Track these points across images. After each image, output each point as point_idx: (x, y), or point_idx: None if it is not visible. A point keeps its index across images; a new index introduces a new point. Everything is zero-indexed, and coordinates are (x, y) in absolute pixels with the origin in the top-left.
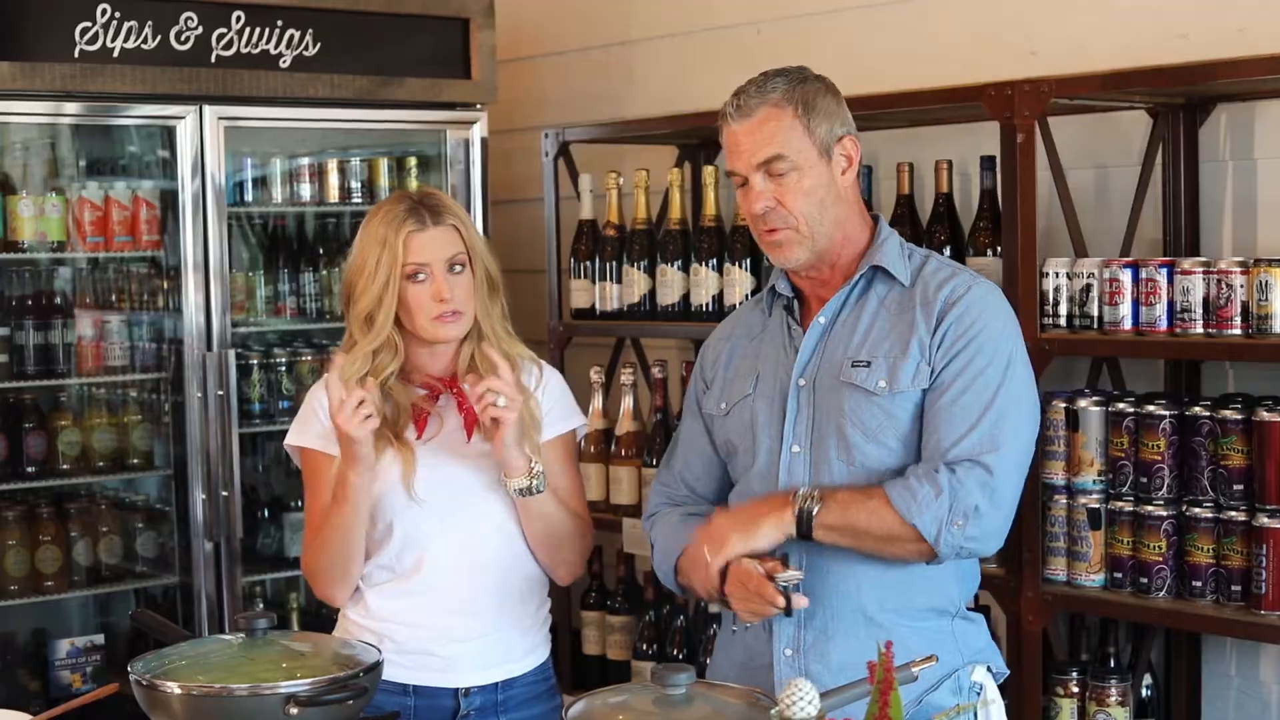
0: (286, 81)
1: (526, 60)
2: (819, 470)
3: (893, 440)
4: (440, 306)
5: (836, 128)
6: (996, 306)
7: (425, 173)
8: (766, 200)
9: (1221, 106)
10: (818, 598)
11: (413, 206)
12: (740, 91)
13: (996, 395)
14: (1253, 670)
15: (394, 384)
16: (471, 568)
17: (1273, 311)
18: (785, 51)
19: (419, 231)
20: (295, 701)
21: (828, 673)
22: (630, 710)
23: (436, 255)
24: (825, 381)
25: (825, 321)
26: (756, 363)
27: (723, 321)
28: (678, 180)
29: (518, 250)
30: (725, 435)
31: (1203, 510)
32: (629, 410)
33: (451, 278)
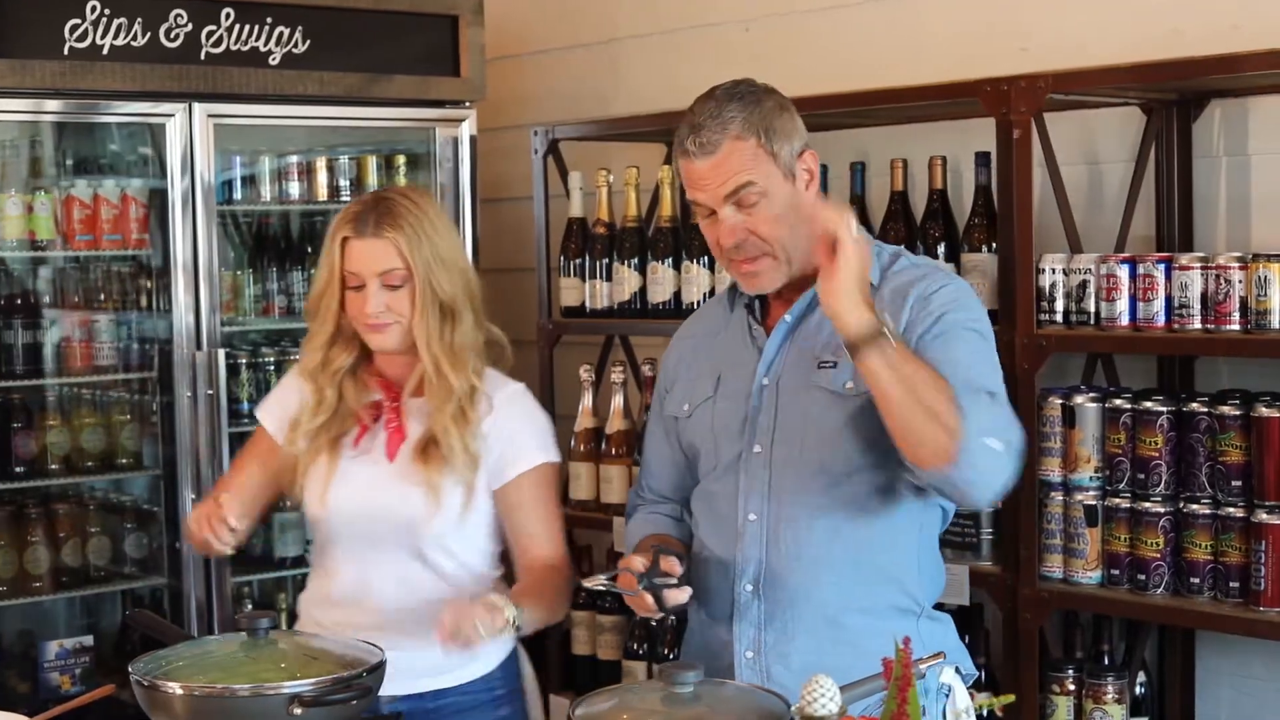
0: (276, 79)
1: (515, 58)
2: (780, 471)
3: (856, 440)
4: (366, 317)
5: (796, 145)
6: (966, 300)
7: (414, 171)
8: (739, 234)
9: (1215, 102)
10: (778, 600)
11: (363, 211)
12: (696, 125)
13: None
14: (1247, 667)
15: (347, 380)
16: (382, 589)
17: (1271, 307)
18: (774, 49)
19: (354, 240)
20: (299, 701)
21: (789, 675)
22: (637, 709)
23: (368, 268)
24: (790, 382)
25: (791, 321)
26: (718, 364)
27: (685, 321)
28: (668, 177)
29: (507, 249)
30: (688, 437)
31: (1200, 507)
32: (619, 409)
33: (385, 291)
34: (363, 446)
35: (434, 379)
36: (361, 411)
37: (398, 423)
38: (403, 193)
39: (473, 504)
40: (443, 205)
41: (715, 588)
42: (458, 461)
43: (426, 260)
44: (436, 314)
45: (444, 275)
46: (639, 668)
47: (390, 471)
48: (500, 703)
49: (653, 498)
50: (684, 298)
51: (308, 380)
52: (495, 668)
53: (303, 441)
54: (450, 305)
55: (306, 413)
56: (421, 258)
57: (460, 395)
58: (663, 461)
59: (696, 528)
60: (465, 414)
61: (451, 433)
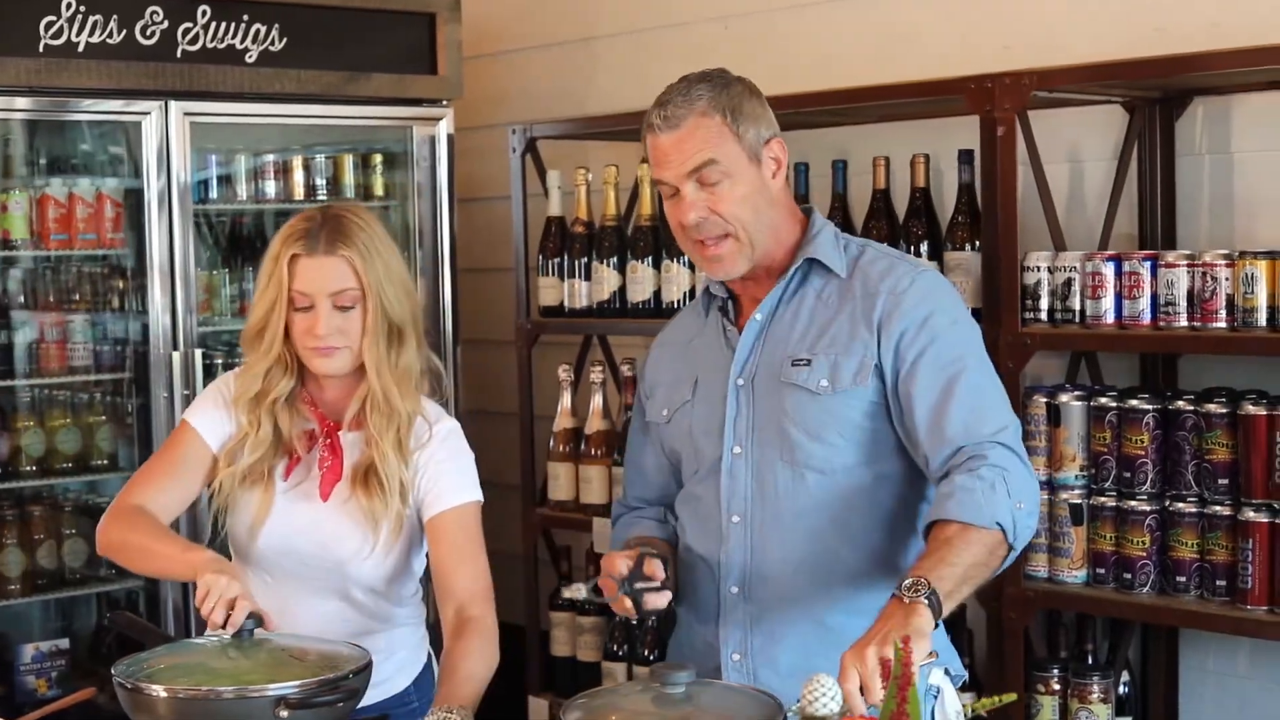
0: (253, 77)
1: (492, 57)
2: (762, 471)
3: (836, 438)
4: (315, 340)
5: (764, 130)
6: (945, 293)
7: (391, 170)
8: (699, 210)
9: (1198, 100)
10: (764, 601)
11: (313, 228)
12: (664, 101)
13: (981, 379)
14: (1230, 665)
15: (283, 410)
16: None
17: (1258, 304)
18: (752, 47)
19: (306, 257)
20: (285, 703)
21: (776, 678)
22: (629, 710)
23: (320, 288)
24: (764, 381)
25: (762, 319)
26: (695, 367)
27: (663, 329)
28: (648, 176)
29: (485, 249)
30: (670, 443)
31: (1186, 505)
32: (598, 409)
33: (336, 314)
34: (294, 479)
35: (382, 404)
36: (295, 440)
37: (332, 461)
38: (350, 209)
39: (401, 535)
40: (418, 205)
41: (701, 590)
42: (392, 492)
43: (379, 279)
44: (385, 336)
45: (394, 295)
46: (619, 669)
47: (324, 512)
48: (414, 714)
49: (638, 504)
50: (664, 297)
51: (243, 411)
52: (409, 687)
53: (237, 474)
54: (399, 327)
55: (246, 447)
56: (374, 277)
57: (401, 422)
58: (646, 468)
59: (683, 531)
60: (402, 443)
61: (390, 460)
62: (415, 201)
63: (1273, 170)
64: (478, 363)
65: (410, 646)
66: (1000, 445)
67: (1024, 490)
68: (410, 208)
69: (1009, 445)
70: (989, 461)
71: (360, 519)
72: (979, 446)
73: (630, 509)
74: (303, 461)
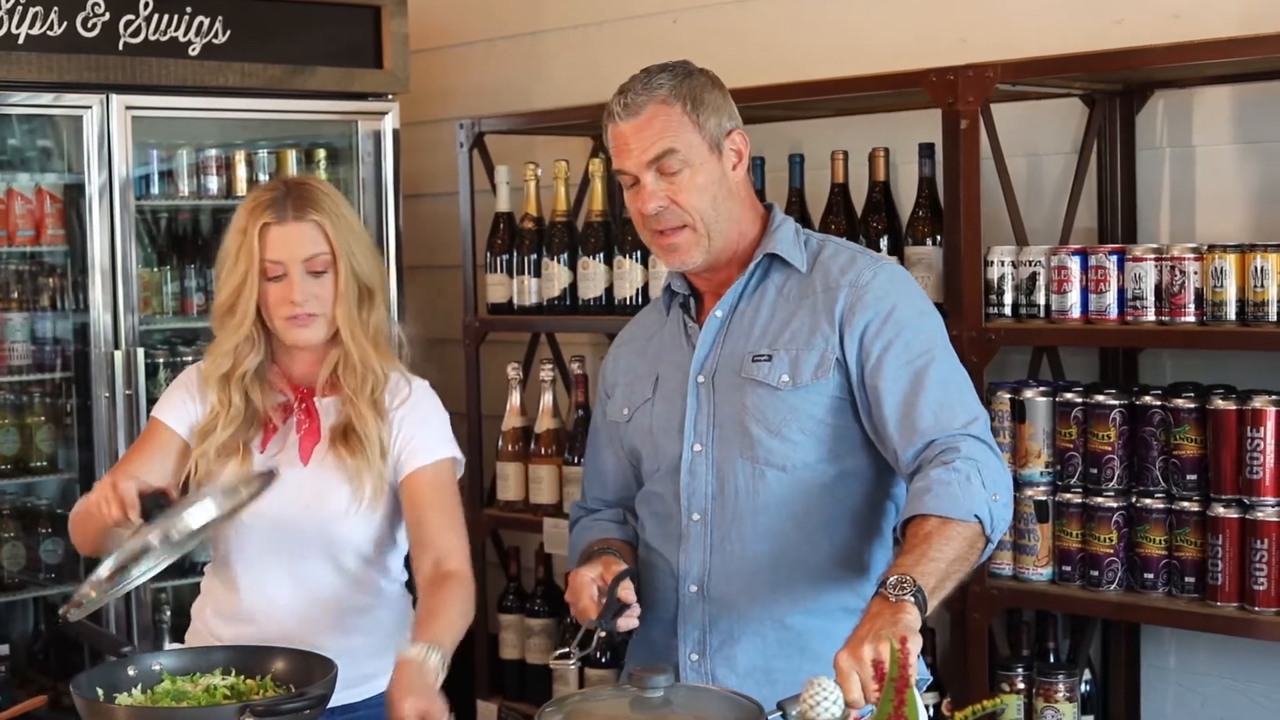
0: (196, 70)
1: (438, 51)
2: (722, 469)
3: (798, 434)
4: (291, 308)
5: (725, 121)
6: (908, 285)
7: (335, 166)
8: (659, 200)
9: (1159, 94)
10: (723, 599)
11: (278, 197)
12: (625, 89)
13: (949, 371)
14: (1192, 663)
15: (253, 384)
16: (292, 599)
17: (1227, 298)
18: (703, 41)
19: (277, 225)
20: (251, 711)
21: (734, 677)
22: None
23: (293, 254)
24: (725, 377)
25: (722, 315)
26: (656, 365)
27: (624, 327)
28: (599, 170)
29: (431, 246)
30: (630, 442)
31: (1154, 501)
32: (548, 407)
33: (310, 279)
34: (271, 450)
35: (357, 366)
36: (269, 413)
37: (310, 424)
38: (309, 177)
39: (384, 497)
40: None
41: (660, 590)
42: (373, 449)
43: (348, 242)
44: (357, 298)
45: (363, 257)
46: (570, 672)
47: (306, 474)
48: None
49: (597, 505)
50: (616, 294)
51: (215, 388)
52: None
53: (211, 454)
54: (369, 288)
55: (219, 424)
56: (343, 240)
57: (377, 382)
58: (606, 469)
59: (642, 530)
60: (378, 402)
61: (367, 419)
62: (360, 198)
63: (1233, 164)
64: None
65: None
66: (971, 437)
67: (998, 482)
68: (355, 204)
69: (980, 437)
70: (962, 454)
71: (343, 476)
72: (950, 439)
73: (589, 511)
74: (279, 432)
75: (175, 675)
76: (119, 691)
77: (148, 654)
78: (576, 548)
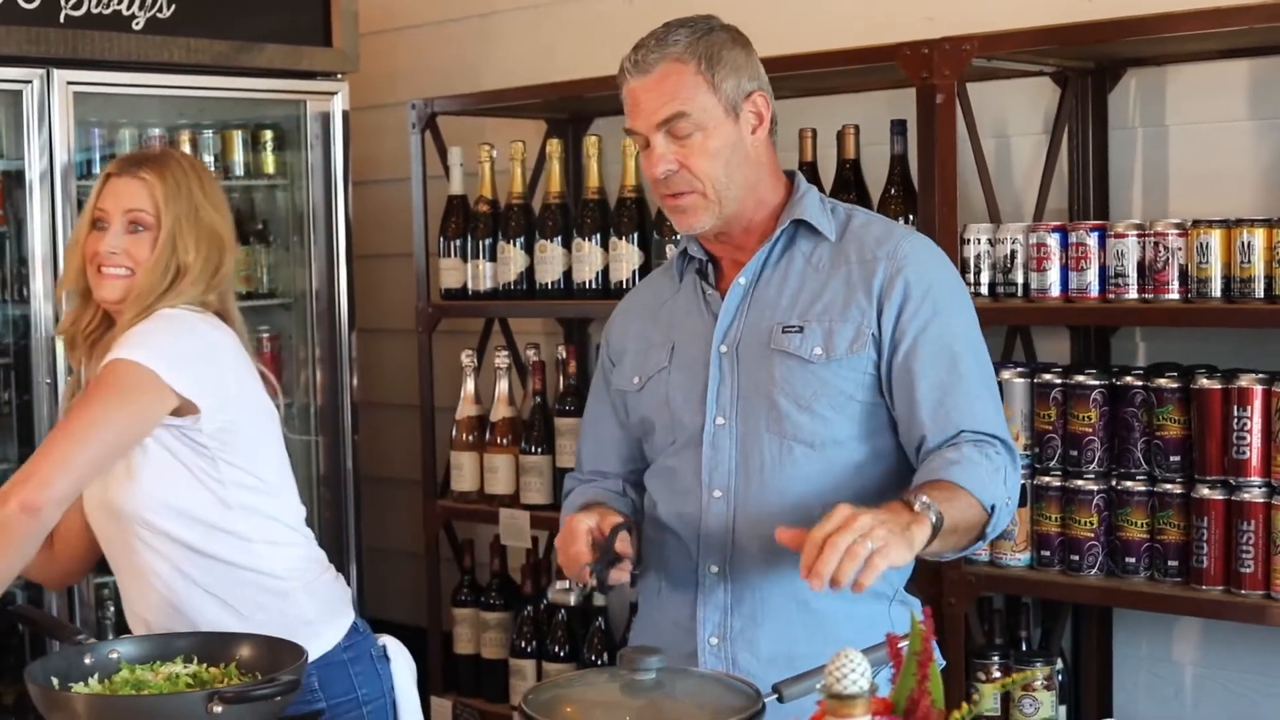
0: (140, 45)
1: (387, 33)
2: (747, 444)
3: (827, 409)
4: (99, 257)
5: (745, 83)
6: (943, 261)
7: (282, 149)
8: (668, 163)
9: (1131, 72)
10: (745, 582)
11: (137, 155)
12: (640, 45)
13: (983, 360)
14: (1165, 650)
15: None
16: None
17: (1212, 274)
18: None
19: (116, 176)
20: (219, 699)
21: (757, 663)
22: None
23: (118, 204)
24: (751, 348)
25: (746, 283)
26: (671, 332)
27: (629, 292)
28: (557, 152)
29: (380, 233)
30: (641, 412)
31: (1136, 484)
32: (504, 395)
33: (126, 236)
34: None
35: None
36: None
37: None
38: (185, 155)
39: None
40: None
41: (675, 570)
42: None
43: (177, 215)
44: (166, 273)
45: (191, 239)
46: (527, 666)
47: None
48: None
49: (594, 477)
50: (575, 277)
51: (67, 346)
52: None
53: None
54: (181, 270)
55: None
56: (173, 210)
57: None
58: (608, 439)
59: (652, 506)
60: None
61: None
62: (308, 182)
63: (1205, 143)
64: (373, 353)
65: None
66: (1002, 442)
67: (1014, 492)
68: (303, 188)
69: (1010, 446)
70: (996, 449)
71: None
72: (981, 437)
73: (585, 480)
74: None
75: (134, 663)
76: (74, 681)
77: (104, 641)
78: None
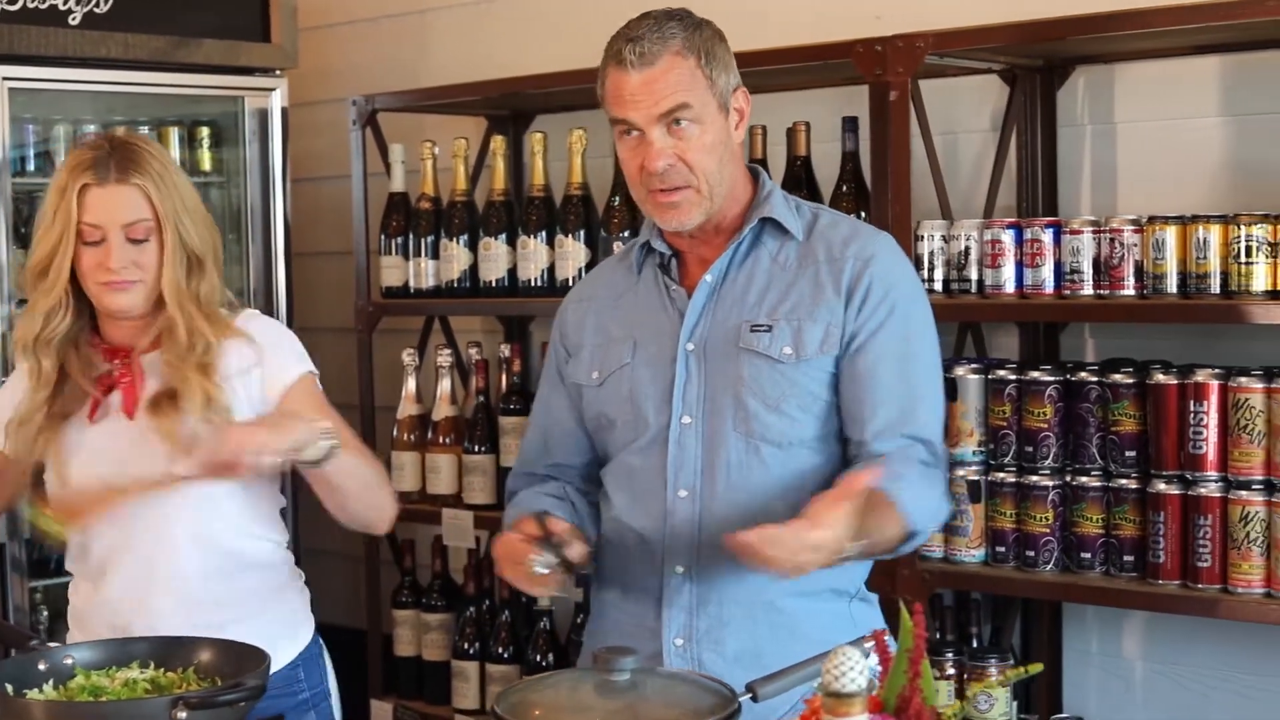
0: (77, 40)
1: (323, 29)
2: (713, 443)
3: (795, 409)
4: (107, 274)
5: (731, 79)
6: (905, 261)
7: (219, 146)
8: (667, 157)
9: (1080, 70)
10: (712, 582)
11: (101, 156)
12: (634, 36)
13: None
14: (1115, 646)
15: (67, 351)
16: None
17: (1168, 270)
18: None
19: (97, 187)
20: (184, 704)
21: (723, 663)
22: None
23: (112, 219)
24: (718, 346)
25: (713, 280)
26: (632, 327)
27: (579, 282)
28: (501, 149)
29: (319, 231)
30: (599, 408)
31: (1091, 479)
32: (446, 394)
33: (130, 246)
34: (99, 416)
35: (184, 337)
36: (90, 385)
37: (131, 378)
38: (140, 137)
39: None
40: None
41: (637, 570)
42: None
43: (175, 209)
44: (185, 267)
45: (192, 225)
46: (470, 668)
47: (132, 430)
48: (306, 706)
49: (549, 472)
50: (520, 275)
51: (23, 355)
52: (295, 665)
53: (29, 428)
54: (199, 257)
55: (27, 392)
56: (170, 207)
57: (206, 346)
58: (566, 432)
59: (609, 506)
60: (207, 365)
61: (193, 382)
62: (246, 179)
63: (1153, 140)
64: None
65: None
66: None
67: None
68: (240, 186)
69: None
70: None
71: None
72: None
73: (535, 479)
74: (103, 403)
75: (89, 669)
76: (29, 687)
77: (58, 647)
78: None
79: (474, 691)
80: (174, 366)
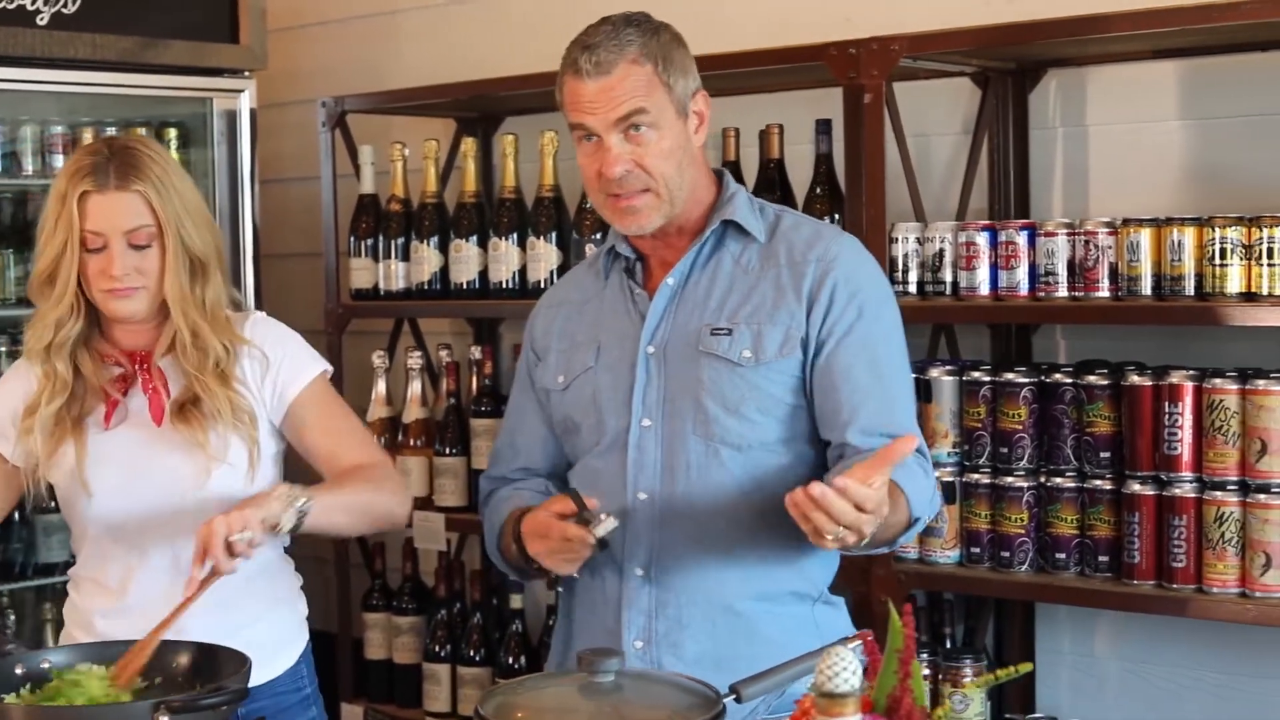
0: (45, 40)
1: (291, 30)
2: (673, 446)
3: (754, 413)
4: (110, 281)
5: (690, 83)
6: (870, 262)
7: (187, 147)
8: (624, 163)
9: (1051, 73)
10: (670, 585)
11: (100, 162)
12: (590, 45)
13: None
14: (1087, 645)
15: (80, 354)
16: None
17: (1143, 272)
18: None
19: (97, 194)
20: (166, 708)
21: (681, 665)
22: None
23: (114, 225)
24: (679, 349)
25: (674, 283)
26: (597, 331)
27: (551, 287)
28: (473, 150)
29: (288, 233)
30: (564, 411)
31: (1066, 480)
32: (416, 396)
33: (132, 252)
34: (116, 420)
35: (189, 342)
36: (106, 387)
37: (155, 384)
38: (139, 140)
39: (261, 460)
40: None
41: (600, 573)
42: (226, 419)
43: (177, 214)
44: (188, 272)
45: (194, 229)
46: (441, 670)
47: (160, 437)
48: (309, 702)
49: (517, 475)
50: (491, 276)
51: (37, 362)
52: (299, 662)
53: (40, 432)
54: (202, 261)
55: (43, 397)
56: (172, 211)
57: (219, 356)
58: (536, 437)
59: None
60: (226, 373)
61: (215, 391)
62: (214, 181)
63: (1125, 143)
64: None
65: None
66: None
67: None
68: (208, 188)
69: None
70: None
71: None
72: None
73: (508, 481)
74: (120, 404)
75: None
76: (6, 691)
77: (34, 651)
78: (495, 522)
79: (445, 694)
80: (194, 377)
